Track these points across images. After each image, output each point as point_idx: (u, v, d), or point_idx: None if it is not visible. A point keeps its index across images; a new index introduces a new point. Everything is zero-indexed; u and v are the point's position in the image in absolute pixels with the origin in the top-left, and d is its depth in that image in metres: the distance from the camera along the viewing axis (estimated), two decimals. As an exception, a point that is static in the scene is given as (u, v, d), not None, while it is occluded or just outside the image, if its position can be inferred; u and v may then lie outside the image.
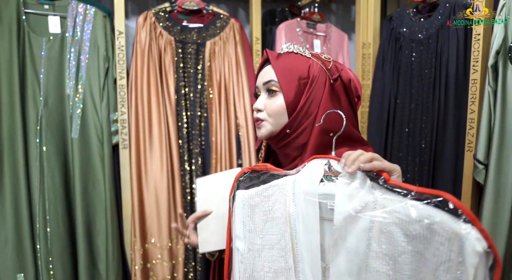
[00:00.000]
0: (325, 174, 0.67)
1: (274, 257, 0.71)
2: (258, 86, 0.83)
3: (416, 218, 0.54)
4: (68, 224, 1.54)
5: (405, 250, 0.55)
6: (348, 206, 0.60)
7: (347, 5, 2.22)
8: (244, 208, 0.75)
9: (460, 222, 0.50)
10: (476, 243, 0.49)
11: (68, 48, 1.49)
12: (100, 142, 1.54)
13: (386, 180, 0.59)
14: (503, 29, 1.23)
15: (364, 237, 0.59)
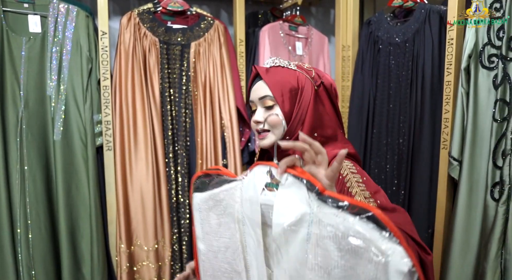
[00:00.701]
0: (267, 182, 0.67)
1: (228, 259, 0.74)
2: (254, 101, 0.88)
3: (348, 233, 0.53)
4: (51, 229, 1.51)
5: (338, 264, 0.55)
6: (285, 218, 0.60)
7: (327, 9, 2.29)
8: (201, 210, 0.78)
9: (387, 240, 0.50)
10: (401, 262, 0.48)
11: (49, 48, 1.46)
12: (84, 144, 1.52)
13: (320, 191, 0.58)
14: (474, 34, 1.32)
15: (302, 248, 0.59)
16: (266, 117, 0.84)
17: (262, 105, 0.86)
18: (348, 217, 0.54)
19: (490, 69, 1.30)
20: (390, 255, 0.49)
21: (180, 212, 1.68)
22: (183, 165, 1.68)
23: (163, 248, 1.63)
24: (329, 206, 0.56)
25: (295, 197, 0.61)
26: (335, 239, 0.55)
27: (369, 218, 0.52)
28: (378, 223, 0.51)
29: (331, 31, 2.17)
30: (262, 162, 0.69)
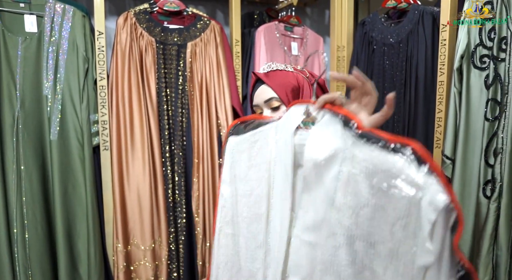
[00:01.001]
0: (303, 120, 0.65)
1: (251, 203, 0.71)
2: (259, 104, 0.91)
3: (382, 168, 0.51)
4: (47, 228, 1.50)
5: (368, 203, 0.53)
6: (318, 154, 0.58)
7: (322, 10, 2.31)
8: (233, 153, 0.76)
9: (424, 174, 0.47)
10: (436, 197, 0.45)
11: (46, 48, 1.46)
12: (80, 144, 1.52)
13: (358, 126, 0.56)
14: (466, 35, 1.35)
15: (331, 186, 0.57)
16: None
17: (268, 107, 0.89)
18: (385, 152, 0.51)
19: (482, 69, 1.33)
20: (426, 189, 0.46)
21: (177, 211, 1.69)
22: (180, 165, 1.69)
23: (160, 248, 1.64)
24: (365, 142, 0.54)
25: (330, 133, 0.58)
26: (368, 176, 0.52)
27: (408, 152, 0.48)
28: (417, 157, 0.48)
29: (326, 32, 2.19)
30: (299, 101, 0.67)
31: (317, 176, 0.59)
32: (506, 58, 1.25)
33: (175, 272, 1.68)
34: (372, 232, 0.53)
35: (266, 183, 0.69)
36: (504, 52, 1.26)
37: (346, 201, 0.55)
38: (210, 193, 1.69)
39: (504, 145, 1.26)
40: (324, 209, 0.59)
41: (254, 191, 0.71)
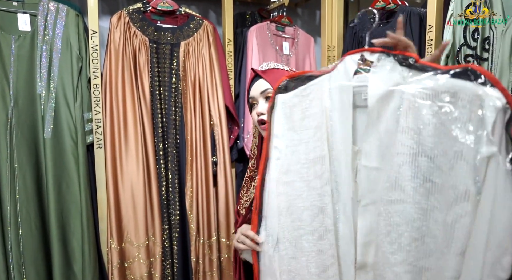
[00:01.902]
0: (359, 67, 0.71)
1: (309, 148, 0.77)
2: (255, 96, 0.99)
3: (441, 90, 0.58)
4: (41, 226, 1.51)
5: (429, 122, 0.59)
6: (380, 89, 0.65)
7: (312, 10, 2.35)
8: (284, 108, 0.81)
9: (483, 86, 0.54)
10: (496, 100, 0.52)
11: (39, 47, 1.47)
12: (74, 142, 1.53)
13: (416, 60, 0.63)
14: (451, 35, 1.40)
15: (394, 116, 0.64)
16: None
17: (263, 97, 0.97)
18: (443, 77, 0.58)
19: (466, 69, 1.38)
20: (485, 95, 0.53)
21: (171, 208, 1.71)
22: (173, 163, 1.71)
23: (154, 245, 1.66)
24: (423, 72, 0.61)
25: (388, 71, 0.65)
26: (428, 99, 0.59)
27: (465, 73, 0.56)
28: (473, 73, 0.55)
29: (317, 32, 2.23)
30: (352, 51, 0.72)
31: (380, 109, 0.66)
32: (489, 58, 1.30)
33: (169, 269, 1.70)
34: (432, 147, 0.60)
35: (325, 128, 0.75)
36: (487, 51, 1.31)
37: (408, 124, 0.62)
38: (204, 190, 1.71)
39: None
40: (388, 137, 0.65)
41: (313, 137, 0.77)
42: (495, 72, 1.28)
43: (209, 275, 1.74)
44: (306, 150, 0.78)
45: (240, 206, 1.08)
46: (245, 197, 1.08)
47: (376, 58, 0.67)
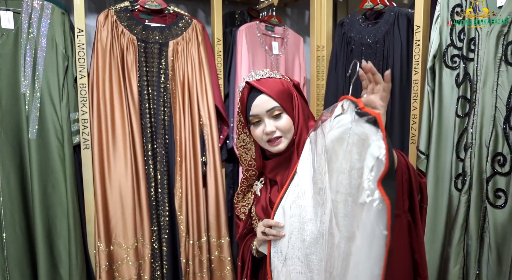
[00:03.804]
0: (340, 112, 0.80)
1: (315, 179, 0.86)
2: (259, 114, 0.95)
3: (362, 137, 0.68)
4: (26, 229, 1.48)
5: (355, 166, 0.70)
6: (333, 133, 0.75)
7: (301, 10, 2.35)
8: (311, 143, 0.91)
9: (376, 135, 0.64)
10: (376, 149, 0.62)
11: (23, 45, 1.43)
12: (60, 143, 1.50)
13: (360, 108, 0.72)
14: (438, 36, 1.42)
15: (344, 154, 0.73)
16: (276, 125, 0.94)
17: (270, 116, 0.94)
18: (361, 122, 0.69)
19: (453, 69, 1.40)
20: (371, 144, 0.64)
21: (160, 209, 1.69)
22: (162, 163, 1.69)
23: (143, 246, 1.64)
24: (362, 118, 0.71)
25: (346, 117, 0.74)
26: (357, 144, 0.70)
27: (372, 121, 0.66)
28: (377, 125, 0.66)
29: (306, 32, 2.24)
30: (347, 97, 0.79)
31: (335, 148, 0.75)
32: (475, 58, 1.32)
33: (158, 271, 1.68)
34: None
35: (324, 163, 0.83)
36: (473, 52, 1.33)
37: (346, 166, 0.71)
38: (193, 191, 1.70)
39: (473, 140, 1.33)
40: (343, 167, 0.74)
41: (317, 170, 0.86)
42: (481, 73, 1.30)
43: (199, 276, 1.73)
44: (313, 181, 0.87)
45: (238, 211, 1.10)
46: (242, 202, 1.09)
47: (346, 106, 0.76)
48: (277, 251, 0.93)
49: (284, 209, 0.92)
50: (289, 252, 0.90)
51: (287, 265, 0.90)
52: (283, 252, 0.91)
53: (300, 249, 0.88)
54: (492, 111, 1.28)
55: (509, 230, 1.24)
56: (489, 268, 1.30)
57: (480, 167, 1.31)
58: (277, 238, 0.91)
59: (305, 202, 0.88)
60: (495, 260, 1.29)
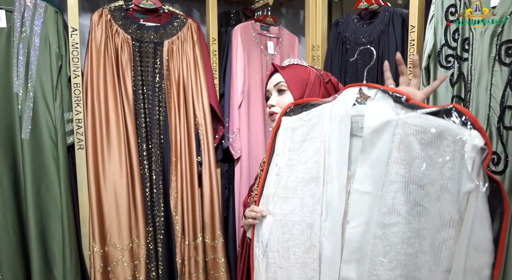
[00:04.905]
0: (357, 99, 0.79)
1: (307, 169, 0.85)
2: (269, 89, 1.06)
3: (429, 128, 0.66)
4: (19, 231, 1.46)
5: (418, 156, 0.68)
6: (375, 122, 0.73)
7: (296, 10, 2.35)
8: (287, 130, 0.89)
9: (464, 128, 0.62)
10: (476, 142, 0.61)
11: (16, 44, 1.41)
12: (54, 143, 1.48)
13: (407, 99, 0.71)
14: (433, 36, 1.42)
15: (387, 147, 0.72)
16: (278, 100, 1.02)
17: (276, 90, 1.03)
18: (431, 116, 0.67)
19: (447, 68, 1.41)
20: (468, 137, 0.61)
21: (155, 210, 1.68)
22: (157, 163, 1.68)
23: (138, 247, 1.62)
24: (413, 110, 0.70)
25: (383, 106, 0.74)
26: (418, 135, 0.68)
27: (449, 113, 0.65)
28: (458, 114, 0.64)
29: (301, 32, 2.24)
30: (352, 85, 0.80)
31: (374, 139, 0.74)
32: (469, 58, 1.33)
33: (153, 272, 1.67)
34: (422, 177, 0.68)
35: (322, 152, 0.83)
36: (467, 52, 1.34)
37: (400, 156, 0.71)
38: (188, 191, 1.69)
39: (468, 139, 1.34)
40: (380, 165, 0.73)
41: (310, 159, 0.85)
42: (475, 72, 1.31)
43: (195, 277, 1.72)
44: (304, 170, 0.86)
45: (251, 199, 1.14)
46: (256, 191, 1.13)
47: (373, 93, 0.75)
48: (258, 241, 0.93)
49: (267, 198, 0.92)
50: (270, 243, 0.90)
51: (267, 257, 0.90)
52: (264, 242, 0.91)
53: (281, 242, 0.88)
54: (486, 110, 1.28)
55: (503, 228, 1.26)
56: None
57: (475, 166, 1.32)
58: (256, 221, 0.93)
59: (287, 193, 0.88)
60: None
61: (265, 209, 0.92)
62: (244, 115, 1.86)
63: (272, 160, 0.92)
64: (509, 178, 1.24)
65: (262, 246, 0.92)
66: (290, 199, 0.87)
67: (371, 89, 0.77)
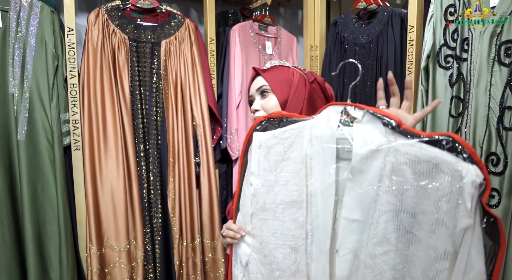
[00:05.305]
0: (341, 120, 0.73)
1: (287, 191, 0.79)
2: (252, 94, 1.01)
3: (424, 159, 0.61)
4: (15, 233, 1.44)
5: (411, 185, 0.64)
6: (365, 149, 0.68)
7: (295, 10, 2.35)
8: (260, 148, 0.82)
9: (462, 161, 0.58)
10: (475, 177, 0.57)
11: (11, 44, 1.40)
12: (50, 144, 1.46)
13: (399, 124, 0.66)
14: (432, 36, 1.42)
15: (377, 175, 0.68)
16: (261, 104, 0.97)
17: (259, 94, 0.98)
18: (425, 145, 0.62)
19: (446, 69, 1.40)
20: (465, 172, 0.57)
21: (152, 211, 1.67)
22: (155, 164, 1.67)
23: (136, 249, 1.61)
24: (406, 138, 0.65)
25: (372, 131, 0.68)
26: (412, 165, 0.63)
27: (447, 143, 0.60)
28: (454, 145, 0.59)
29: (299, 32, 2.23)
30: (335, 103, 0.74)
31: (363, 167, 0.69)
32: (468, 58, 1.33)
33: (151, 273, 1.66)
34: (413, 206, 0.65)
35: (304, 175, 0.77)
36: (466, 52, 1.34)
37: (391, 185, 0.67)
38: (186, 192, 1.68)
39: (467, 140, 1.33)
40: (370, 192, 0.69)
41: (290, 181, 0.79)
42: (474, 73, 1.31)
43: (193, 278, 1.71)
44: (284, 192, 0.80)
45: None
46: None
47: (361, 115, 0.69)
48: (237, 260, 0.87)
49: (244, 218, 0.86)
50: (250, 266, 0.84)
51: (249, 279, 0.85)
52: (243, 263, 0.86)
53: (264, 265, 0.83)
54: (485, 111, 1.28)
55: (503, 229, 1.25)
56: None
57: (474, 167, 1.32)
58: (234, 241, 0.87)
59: (266, 215, 0.82)
60: (489, 259, 1.29)
61: (243, 227, 0.87)
62: (242, 115, 1.85)
63: (246, 178, 0.85)
64: (508, 179, 1.24)
65: (241, 266, 0.86)
66: (270, 222, 0.82)
67: (358, 110, 0.70)
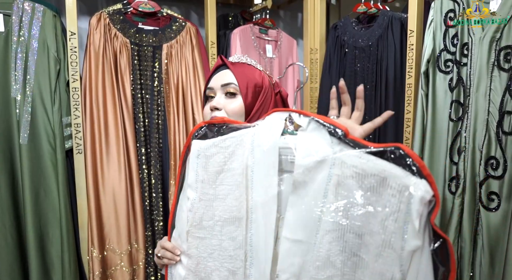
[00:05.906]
0: (285, 128, 0.67)
1: (226, 207, 0.72)
2: (214, 87, 0.87)
3: (371, 172, 0.56)
4: (17, 237, 1.45)
5: (357, 203, 0.58)
6: (308, 159, 0.62)
7: (295, 13, 2.36)
8: (199, 158, 0.74)
9: (411, 175, 0.54)
10: (425, 193, 0.52)
11: (14, 48, 1.40)
12: (52, 147, 1.47)
13: (346, 134, 0.60)
14: (432, 41, 1.43)
15: (321, 189, 0.61)
16: (224, 104, 0.85)
17: (223, 91, 0.86)
18: (372, 157, 0.57)
19: (446, 73, 1.41)
20: (415, 188, 0.53)
21: (154, 214, 1.67)
22: (156, 167, 1.67)
23: (137, 252, 1.62)
24: (353, 149, 0.59)
25: (317, 140, 0.62)
26: (358, 179, 0.58)
27: (394, 155, 0.55)
28: (403, 158, 0.54)
29: (299, 35, 2.24)
30: (279, 109, 0.69)
31: (306, 180, 0.63)
32: (468, 63, 1.34)
33: (152, 276, 1.66)
34: (360, 226, 0.59)
35: (244, 187, 0.70)
36: (466, 57, 1.35)
37: (336, 201, 0.60)
38: (188, 195, 1.68)
39: (466, 144, 1.35)
40: (313, 209, 0.63)
41: (229, 195, 0.71)
42: (474, 77, 1.32)
43: (194, 281, 1.72)
44: (223, 208, 0.72)
45: None
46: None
47: (306, 122, 0.64)
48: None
49: (180, 235, 0.78)
50: None
51: None
52: None
53: None
54: (485, 115, 1.29)
55: (502, 232, 1.26)
56: (482, 270, 1.32)
57: (474, 171, 1.33)
58: (171, 262, 0.79)
59: (202, 233, 0.74)
60: (488, 262, 1.30)
61: (178, 245, 0.78)
62: (243, 118, 1.85)
63: (183, 191, 0.78)
64: (507, 183, 1.25)
65: None
66: (207, 240, 0.74)
67: (303, 117, 0.64)
